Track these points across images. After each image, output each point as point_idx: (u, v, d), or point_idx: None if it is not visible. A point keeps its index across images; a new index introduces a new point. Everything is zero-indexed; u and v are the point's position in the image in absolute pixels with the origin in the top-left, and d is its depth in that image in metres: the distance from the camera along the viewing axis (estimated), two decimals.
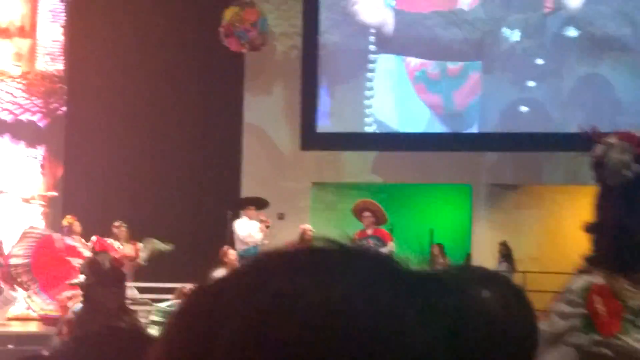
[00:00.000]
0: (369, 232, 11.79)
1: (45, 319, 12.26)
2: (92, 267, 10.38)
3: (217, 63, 14.23)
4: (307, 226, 12.40)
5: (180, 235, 12.96)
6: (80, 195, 13.95)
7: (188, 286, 11.23)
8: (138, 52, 14.20)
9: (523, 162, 14.17)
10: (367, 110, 14.59)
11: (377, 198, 14.08)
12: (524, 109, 14.22)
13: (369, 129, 14.63)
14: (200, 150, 14.41)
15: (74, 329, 7.88)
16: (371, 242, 11.62)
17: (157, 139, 14.36)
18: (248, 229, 11.90)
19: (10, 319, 13.23)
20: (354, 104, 14.58)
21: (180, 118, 14.32)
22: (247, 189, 14.01)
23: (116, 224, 12.21)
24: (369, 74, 14.61)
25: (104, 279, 8.93)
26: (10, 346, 11.12)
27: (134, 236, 12.43)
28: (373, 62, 14.62)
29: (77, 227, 12.24)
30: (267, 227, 11.92)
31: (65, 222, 12.16)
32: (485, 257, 13.98)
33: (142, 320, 9.27)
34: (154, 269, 12.42)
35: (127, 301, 9.34)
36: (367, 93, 14.61)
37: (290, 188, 14.19)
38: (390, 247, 11.65)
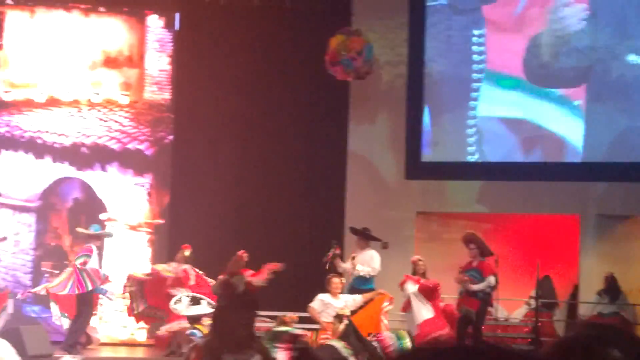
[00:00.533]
0: (474, 264, 11.83)
1: (157, 341, 12.52)
2: (225, 289, 10.50)
3: (323, 92, 14.37)
4: (418, 257, 12.45)
5: (284, 262, 13.05)
6: (186, 223, 14.18)
7: (289, 314, 11.34)
8: (244, 81, 14.41)
9: (633, 192, 13.97)
10: (469, 139, 14.55)
11: (482, 228, 14.05)
12: (633, 137, 14.03)
13: (472, 158, 14.59)
14: (305, 178, 14.53)
15: (202, 354, 7.92)
16: (468, 276, 11.66)
17: (262, 167, 14.52)
18: (376, 260, 12.19)
19: (115, 344, 13.54)
20: (457, 132, 14.56)
21: (285, 146, 14.47)
22: (351, 218, 14.05)
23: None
24: (472, 103, 14.59)
25: (237, 302, 8.91)
26: None
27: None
28: (476, 90, 14.59)
29: (190, 256, 12.46)
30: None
31: (186, 253, 12.36)
32: (593, 289, 13.83)
33: None
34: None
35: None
36: (470, 122, 14.58)
37: (395, 217, 14.19)
38: (488, 282, 11.65)
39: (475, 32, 14.50)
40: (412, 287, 11.84)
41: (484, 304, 11.67)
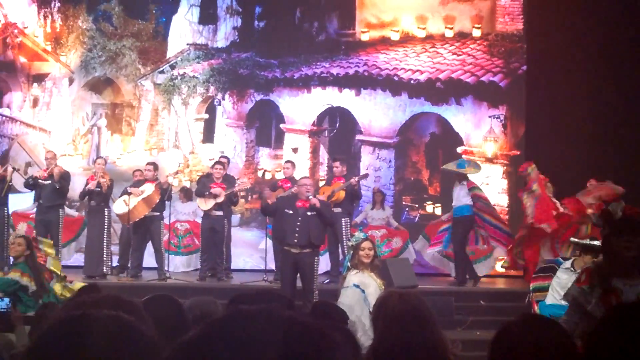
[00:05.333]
0: None
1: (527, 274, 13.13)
2: (605, 216, 11.06)
3: None
4: None
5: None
6: (542, 154, 14.63)
7: None
8: (601, 5, 14.57)
9: None
10: None
11: None
12: None
13: None
14: None
15: (592, 277, 8.59)
16: None
17: (618, 96, 14.60)
18: None
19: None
20: None
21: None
22: None
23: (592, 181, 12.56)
24: None
25: (618, 228, 9.52)
26: (481, 302, 12.21)
27: None
28: None
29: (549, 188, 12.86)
30: None
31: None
32: None
33: None
34: None
35: None
36: None
37: None
38: None
39: None
40: None
41: None
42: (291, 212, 10.13)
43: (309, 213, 10.06)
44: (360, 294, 8.04)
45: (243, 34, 16.04)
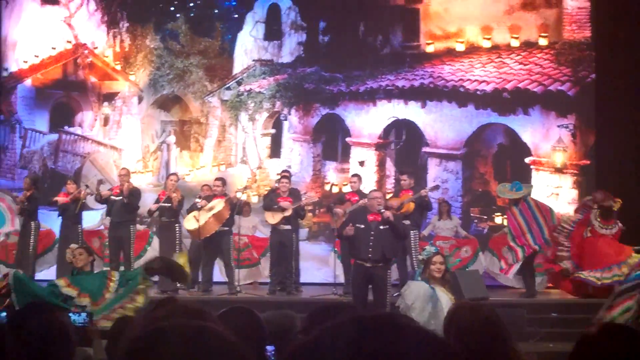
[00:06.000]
0: None
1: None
2: None
3: None
4: None
5: None
6: (613, 163, 14.51)
7: None
8: None
9: None
10: None
11: None
12: None
13: None
14: None
15: None
16: None
17: None
18: None
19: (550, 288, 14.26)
20: None
21: None
22: None
23: None
24: None
25: None
26: (553, 314, 12.08)
27: None
28: None
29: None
30: None
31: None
32: None
33: None
34: None
35: None
36: None
37: None
38: None
39: None
40: None
41: None
42: (363, 226, 10.14)
43: (381, 227, 10.10)
44: (426, 287, 8.10)
45: (308, 49, 16.25)
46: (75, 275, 9.54)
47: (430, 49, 15.87)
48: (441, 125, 15.65)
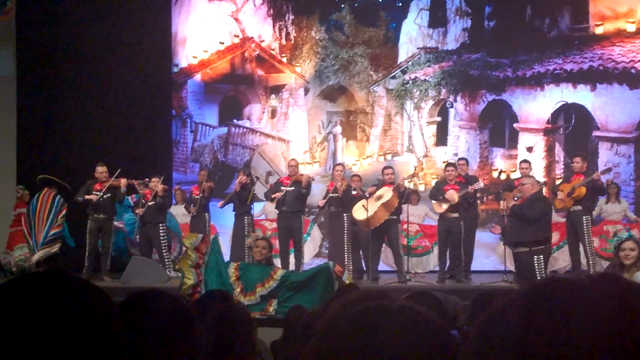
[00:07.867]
0: None
1: None
2: None
3: None
4: None
5: None
6: None
7: None
8: None
9: None
10: None
11: None
12: None
13: None
14: None
15: None
16: None
17: None
18: None
19: None
20: None
21: None
22: None
23: None
24: None
25: None
26: None
27: None
28: None
29: None
30: None
31: None
32: None
33: None
34: None
35: None
36: None
37: None
38: None
39: None
40: None
41: None
42: None
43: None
44: None
45: (473, 35, 16.33)
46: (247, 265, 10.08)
47: (599, 30, 15.63)
48: (612, 108, 15.40)
